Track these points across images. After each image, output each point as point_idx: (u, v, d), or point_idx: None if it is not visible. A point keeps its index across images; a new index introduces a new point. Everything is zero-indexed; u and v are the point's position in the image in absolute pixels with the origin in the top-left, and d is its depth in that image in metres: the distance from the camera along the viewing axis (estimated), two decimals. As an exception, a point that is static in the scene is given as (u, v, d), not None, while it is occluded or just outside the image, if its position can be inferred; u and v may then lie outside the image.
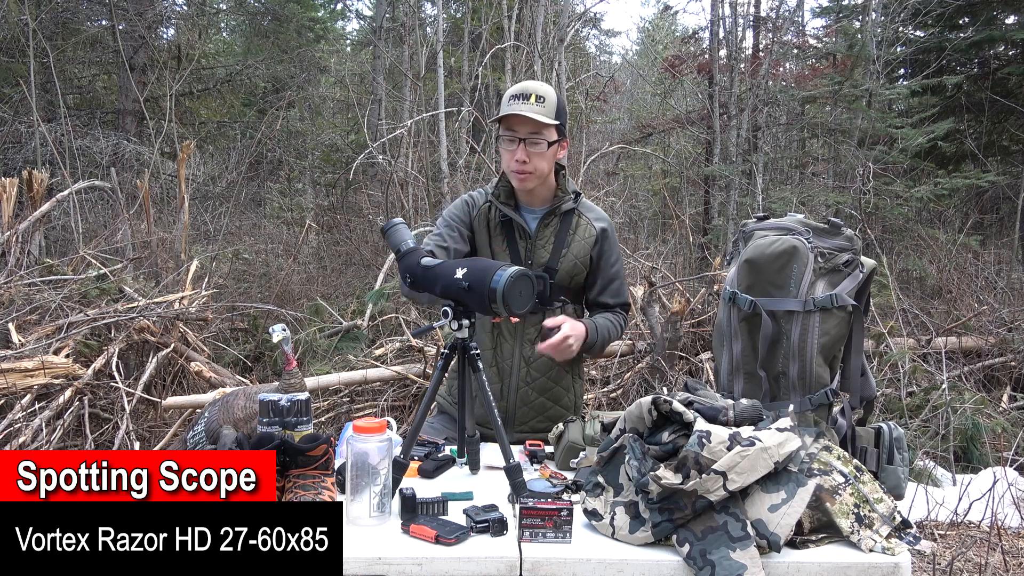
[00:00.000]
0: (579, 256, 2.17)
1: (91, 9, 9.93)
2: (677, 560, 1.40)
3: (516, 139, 2.04)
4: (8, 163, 7.78)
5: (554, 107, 2.04)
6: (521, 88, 2.05)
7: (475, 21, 8.73)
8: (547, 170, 2.10)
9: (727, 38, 8.98)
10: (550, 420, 2.16)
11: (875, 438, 1.75)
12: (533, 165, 2.05)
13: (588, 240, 2.18)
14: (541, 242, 2.16)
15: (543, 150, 2.05)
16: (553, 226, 2.17)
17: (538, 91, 2.04)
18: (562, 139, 2.12)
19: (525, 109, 2.01)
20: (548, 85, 2.11)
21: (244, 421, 1.80)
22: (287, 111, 10.25)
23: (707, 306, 4.97)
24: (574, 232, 2.18)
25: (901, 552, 1.42)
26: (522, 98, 2.02)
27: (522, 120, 2.03)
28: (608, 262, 2.21)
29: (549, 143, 2.05)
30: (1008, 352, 5.15)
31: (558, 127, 2.07)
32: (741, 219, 7.24)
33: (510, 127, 2.05)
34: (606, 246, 2.20)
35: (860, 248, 1.75)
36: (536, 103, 2.01)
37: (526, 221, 2.16)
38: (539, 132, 2.03)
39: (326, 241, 9.22)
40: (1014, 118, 8.87)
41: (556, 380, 2.20)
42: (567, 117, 2.14)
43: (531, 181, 2.09)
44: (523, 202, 2.19)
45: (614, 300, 2.24)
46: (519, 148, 2.04)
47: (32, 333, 4.09)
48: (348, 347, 5.23)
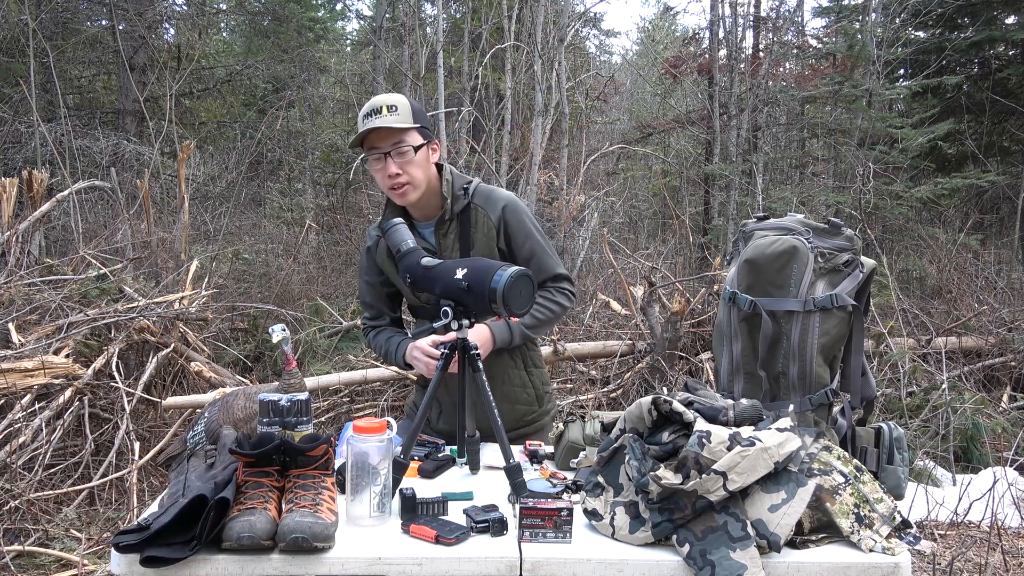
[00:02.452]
0: (487, 253, 2.05)
1: (91, 9, 9.93)
2: (677, 560, 1.40)
3: (381, 154, 1.98)
4: (8, 163, 7.77)
5: (408, 112, 1.97)
6: (370, 105, 1.98)
7: (475, 21, 8.73)
8: (423, 177, 2.02)
9: (727, 38, 8.99)
10: (514, 420, 2.13)
11: (875, 438, 1.75)
12: (408, 175, 1.98)
13: (490, 233, 2.06)
14: (447, 252, 2.07)
15: (411, 157, 1.98)
16: (453, 232, 2.08)
17: (388, 102, 1.96)
18: (430, 142, 2.04)
19: (378, 122, 1.94)
20: (398, 94, 2.04)
21: (244, 421, 1.79)
22: (287, 111, 10.25)
23: (707, 306, 4.97)
24: (475, 228, 2.06)
25: (901, 552, 1.42)
26: (374, 114, 1.95)
27: (379, 134, 1.96)
28: (518, 243, 2.08)
29: (416, 147, 1.98)
30: (1008, 352, 5.15)
31: (421, 130, 2.00)
32: (741, 219, 7.24)
33: (372, 145, 1.98)
34: (510, 230, 2.07)
35: (860, 248, 1.75)
36: (389, 113, 1.94)
37: (425, 238, 2.09)
38: (401, 140, 1.96)
39: (326, 241, 9.23)
40: (1014, 118, 8.87)
41: (506, 380, 2.13)
42: (427, 118, 2.06)
43: (411, 193, 2.01)
44: (416, 218, 2.11)
45: (538, 277, 2.07)
46: (387, 162, 1.97)
47: (32, 333, 4.08)
48: (348, 347, 5.24)
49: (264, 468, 1.46)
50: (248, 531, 1.33)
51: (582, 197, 7.26)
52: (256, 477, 1.45)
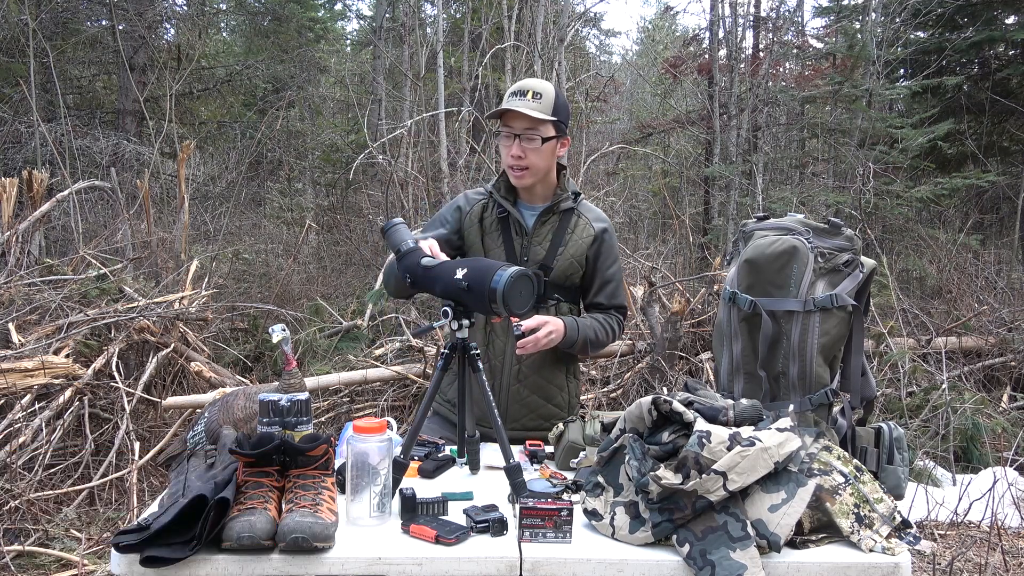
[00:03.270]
0: (575, 255, 2.16)
1: (91, 9, 9.93)
2: (677, 560, 1.40)
3: (512, 135, 2.06)
4: (8, 163, 7.77)
5: (551, 104, 2.05)
6: (519, 85, 2.07)
7: (475, 21, 8.73)
8: (544, 167, 2.10)
9: (727, 38, 8.98)
10: (542, 418, 2.16)
11: (875, 438, 1.75)
12: (529, 161, 2.07)
13: (585, 240, 2.17)
14: (538, 239, 2.16)
15: (538, 146, 2.06)
16: (551, 224, 2.17)
17: (535, 88, 2.05)
18: (562, 136, 2.12)
19: (520, 105, 2.02)
20: (549, 83, 2.12)
21: (244, 421, 1.79)
22: (287, 111, 10.25)
23: (707, 306, 4.97)
24: (572, 231, 2.17)
25: (901, 552, 1.42)
26: (519, 95, 2.04)
27: (516, 116, 2.05)
28: (605, 264, 2.20)
29: (544, 139, 2.06)
30: (1008, 352, 5.15)
31: (556, 124, 2.07)
32: (741, 219, 7.25)
33: (506, 123, 2.08)
34: (604, 248, 2.19)
35: (860, 248, 1.75)
36: (532, 99, 2.03)
37: (523, 217, 2.17)
38: (534, 128, 2.05)
39: (326, 241, 9.22)
40: (1014, 118, 8.87)
41: (549, 379, 2.19)
42: (568, 115, 2.14)
43: (527, 178, 2.10)
44: (522, 199, 2.20)
45: (608, 302, 2.23)
46: (515, 144, 2.06)
47: (32, 333, 4.08)
48: (348, 347, 5.23)
49: (264, 468, 1.46)
50: (248, 531, 1.33)
51: (582, 197, 7.24)
52: (256, 477, 1.45)
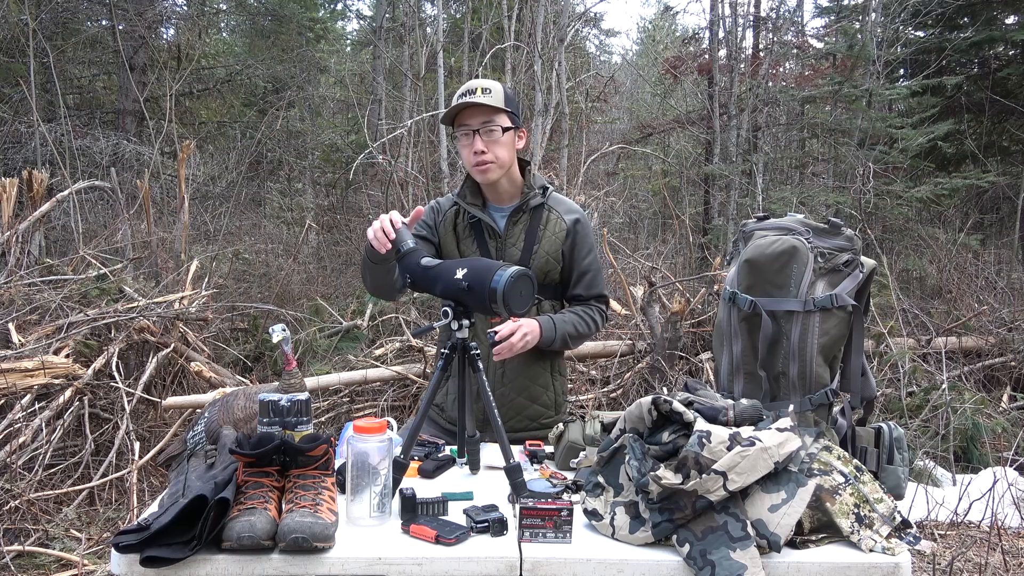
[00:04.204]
0: (551, 252, 2.15)
1: (91, 9, 9.93)
2: (677, 560, 1.40)
3: (470, 131, 2.06)
4: (8, 163, 7.77)
5: (502, 97, 2.05)
6: (466, 86, 2.07)
7: (475, 21, 8.73)
8: (507, 159, 2.10)
9: (727, 38, 8.99)
10: (529, 419, 2.16)
11: (875, 438, 1.75)
12: (493, 154, 2.06)
13: (559, 235, 2.16)
14: (511, 240, 2.15)
15: (498, 137, 2.06)
16: (523, 223, 2.16)
17: (483, 85, 2.06)
18: (518, 128, 2.12)
19: (471, 100, 2.03)
20: (495, 81, 2.13)
21: (244, 421, 1.79)
22: (287, 111, 10.26)
23: (707, 306, 4.97)
24: (544, 227, 2.15)
25: (901, 552, 1.42)
26: (468, 94, 2.05)
27: (471, 112, 2.05)
28: (580, 255, 2.19)
29: (504, 129, 2.06)
30: (1008, 352, 5.15)
31: (511, 115, 2.07)
32: (741, 219, 7.24)
33: (462, 122, 2.08)
34: (578, 239, 2.17)
35: (860, 248, 1.75)
36: (482, 95, 2.03)
37: (494, 220, 2.16)
38: (491, 120, 2.05)
39: (326, 241, 9.22)
40: (1014, 118, 8.87)
41: (532, 379, 2.18)
42: (519, 108, 2.15)
43: (493, 172, 2.09)
44: (490, 200, 2.19)
45: (587, 292, 2.21)
46: (475, 139, 2.06)
47: (32, 333, 4.08)
48: (348, 347, 5.24)
49: (264, 468, 1.46)
50: (248, 531, 1.33)
51: (582, 197, 7.25)
52: (256, 477, 1.45)
